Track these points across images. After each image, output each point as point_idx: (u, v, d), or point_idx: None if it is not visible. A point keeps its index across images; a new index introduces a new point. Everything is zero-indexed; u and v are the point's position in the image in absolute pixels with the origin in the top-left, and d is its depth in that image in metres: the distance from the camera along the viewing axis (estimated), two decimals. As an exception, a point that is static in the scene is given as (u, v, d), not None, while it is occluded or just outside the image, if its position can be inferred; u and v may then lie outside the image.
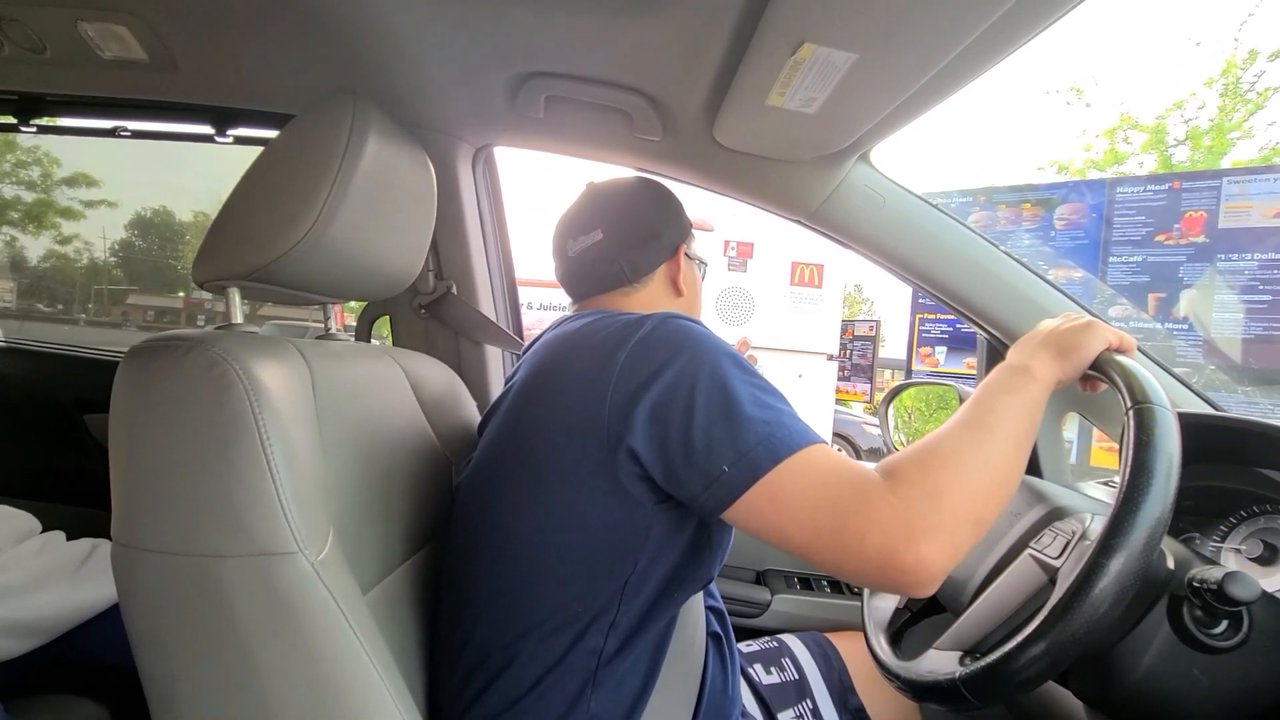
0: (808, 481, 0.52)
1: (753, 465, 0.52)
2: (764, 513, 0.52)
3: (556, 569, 0.61)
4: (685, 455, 0.54)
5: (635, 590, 0.61)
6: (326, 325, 0.81)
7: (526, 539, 0.62)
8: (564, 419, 0.60)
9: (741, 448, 0.53)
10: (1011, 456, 0.56)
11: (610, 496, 0.58)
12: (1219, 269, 2.41)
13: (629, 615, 0.62)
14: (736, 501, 0.53)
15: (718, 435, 0.53)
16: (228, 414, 0.47)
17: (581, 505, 0.59)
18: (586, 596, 0.61)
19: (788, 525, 0.52)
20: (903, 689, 0.64)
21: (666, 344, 0.59)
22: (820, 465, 0.53)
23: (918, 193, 1.02)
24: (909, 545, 0.48)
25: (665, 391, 0.55)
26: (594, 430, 0.58)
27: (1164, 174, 4.98)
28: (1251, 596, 0.52)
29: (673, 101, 0.90)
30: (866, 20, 0.61)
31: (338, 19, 0.79)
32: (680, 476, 0.55)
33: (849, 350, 5.61)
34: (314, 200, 0.56)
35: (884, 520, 0.49)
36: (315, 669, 0.48)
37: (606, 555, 0.60)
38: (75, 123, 1.21)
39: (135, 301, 17.81)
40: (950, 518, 0.49)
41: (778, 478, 0.52)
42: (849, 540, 0.50)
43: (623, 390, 0.57)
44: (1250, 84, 5.72)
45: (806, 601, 1.22)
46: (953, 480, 0.51)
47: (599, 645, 0.61)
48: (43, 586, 0.83)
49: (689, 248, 0.85)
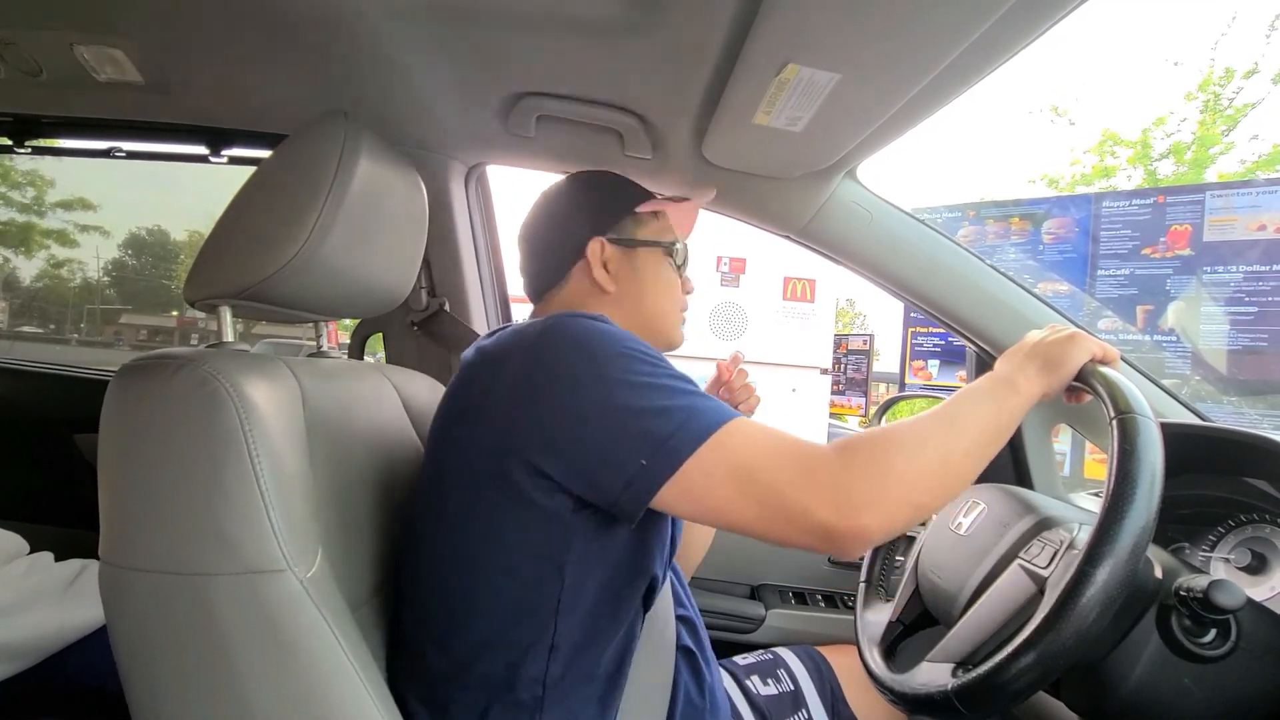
0: (739, 457, 0.51)
1: (672, 453, 0.51)
2: (696, 496, 0.52)
3: (483, 591, 0.58)
4: (597, 459, 0.52)
5: (570, 606, 0.58)
6: (319, 343, 0.82)
7: (451, 561, 0.59)
8: (467, 438, 0.58)
9: (657, 437, 0.51)
10: (967, 458, 0.56)
11: (524, 511, 0.56)
12: (1204, 281, 2.44)
13: (569, 636, 0.58)
14: (660, 492, 0.51)
15: (627, 432, 0.52)
16: (218, 432, 0.47)
17: (496, 523, 0.57)
18: (518, 619, 0.58)
19: (723, 505, 0.52)
20: (895, 702, 0.64)
21: (553, 352, 0.56)
22: (751, 438, 0.52)
23: (905, 208, 1.03)
24: (853, 517, 0.49)
25: (560, 400, 0.53)
26: (494, 449, 0.56)
27: (1149, 189, 5.06)
28: (1237, 604, 0.52)
29: (662, 121, 0.92)
30: (848, 42, 0.63)
31: (332, 41, 0.81)
32: (594, 480, 0.53)
33: (843, 364, 5.62)
34: (305, 219, 0.57)
35: (829, 492, 0.50)
36: (304, 687, 0.48)
37: (530, 573, 0.57)
38: (70, 144, 1.21)
39: (128, 321, 17.76)
40: (893, 498, 0.51)
41: (700, 462, 0.51)
42: (794, 513, 0.50)
43: (517, 405, 0.55)
44: (1229, 100, 5.84)
45: (800, 616, 1.22)
46: (905, 465, 0.52)
47: (540, 672, 0.58)
48: (30, 608, 0.82)
49: (622, 235, 0.77)
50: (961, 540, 0.75)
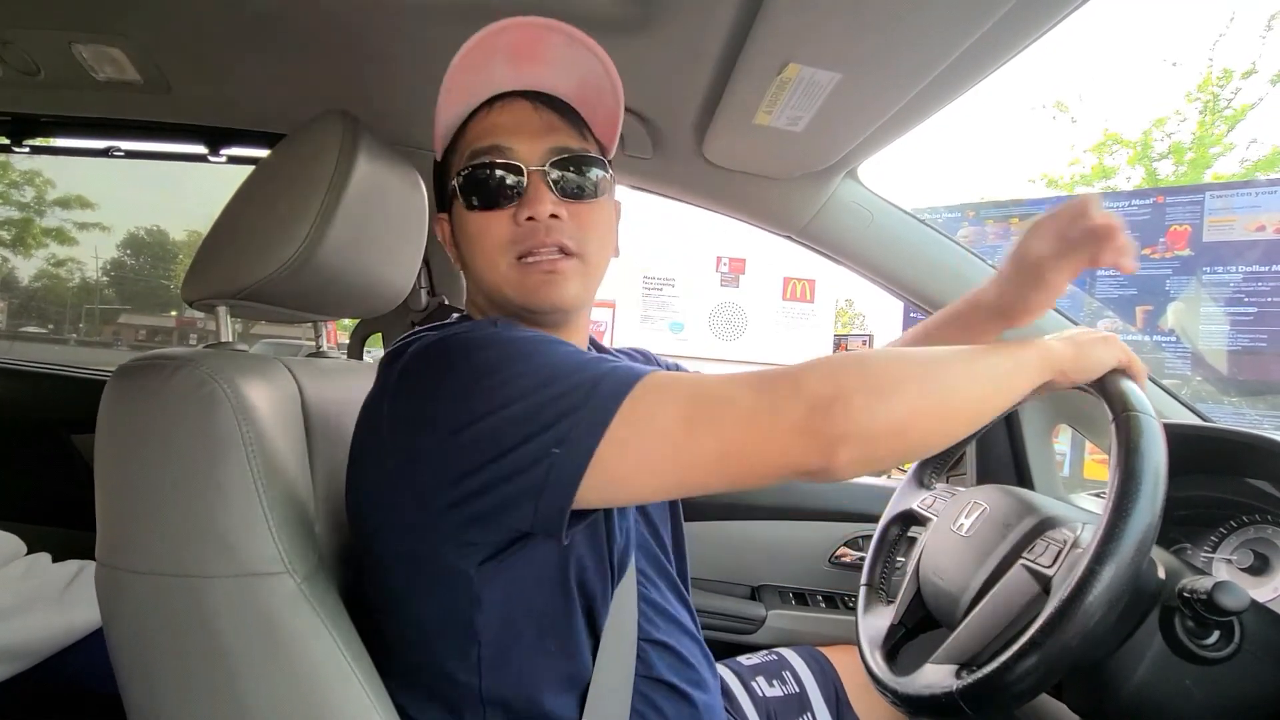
0: (675, 411, 0.44)
1: (592, 425, 0.43)
2: (628, 472, 0.44)
3: (402, 636, 0.54)
4: (500, 473, 0.44)
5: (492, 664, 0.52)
6: (318, 343, 0.81)
7: (379, 609, 0.55)
8: (365, 479, 0.53)
9: (569, 412, 0.43)
10: (970, 401, 0.50)
11: (429, 567, 0.50)
12: (1204, 282, 2.44)
13: (500, 693, 0.53)
14: (584, 481, 0.43)
15: (522, 431, 0.44)
16: (214, 433, 0.47)
17: (398, 580, 0.52)
18: (439, 676, 0.53)
19: (669, 470, 0.45)
20: (898, 704, 0.64)
21: (419, 374, 0.49)
22: (682, 387, 0.45)
23: (905, 208, 1.03)
24: (831, 454, 0.42)
25: (437, 421, 0.46)
26: (397, 493, 0.49)
27: (1148, 189, 5.06)
28: (1240, 606, 0.52)
29: (662, 120, 0.91)
30: (849, 41, 0.62)
31: (330, 40, 0.81)
32: (501, 498, 0.45)
33: (842, 364, 5.61)
34: (304, 219, 0.56)
35: (800, 430, 0.43)
36: (302, 688, 0.47)
37: (436, 634, 0.52)
38: (69, 143, 1.21)
39: (127, 321, 17.76)
40: (881, 424, 0.44)
41: (620, 431, 0.43)
42: (772, 457, 0.44)
43: (396, 437, 0.49)
44: (1228, 101, 5.85)
45: (801, 617, 1.22)
46: (896, 385, 0.45)
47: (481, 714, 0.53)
48: (27, 609, 0.82)
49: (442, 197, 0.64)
50: (963, 541, 0.74)
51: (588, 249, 0.59)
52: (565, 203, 0.57)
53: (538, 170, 0.57)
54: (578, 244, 0.58)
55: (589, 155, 0.60)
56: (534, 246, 0.56)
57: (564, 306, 0.59)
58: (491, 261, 0.58)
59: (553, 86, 0.61)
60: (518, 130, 0.58)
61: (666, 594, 0.69)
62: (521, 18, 0.55)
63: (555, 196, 0.57)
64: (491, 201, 0.57)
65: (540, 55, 0.58)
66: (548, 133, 0.58)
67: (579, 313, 0.64)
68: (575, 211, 0.58)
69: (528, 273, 0.57)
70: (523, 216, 0.56)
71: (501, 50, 0.57)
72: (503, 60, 0.58)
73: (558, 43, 0.57)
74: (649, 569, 0.68)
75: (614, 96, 0.61)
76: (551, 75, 0.60)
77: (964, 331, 0.76)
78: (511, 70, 0.59)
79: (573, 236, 0.57)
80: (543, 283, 0.57)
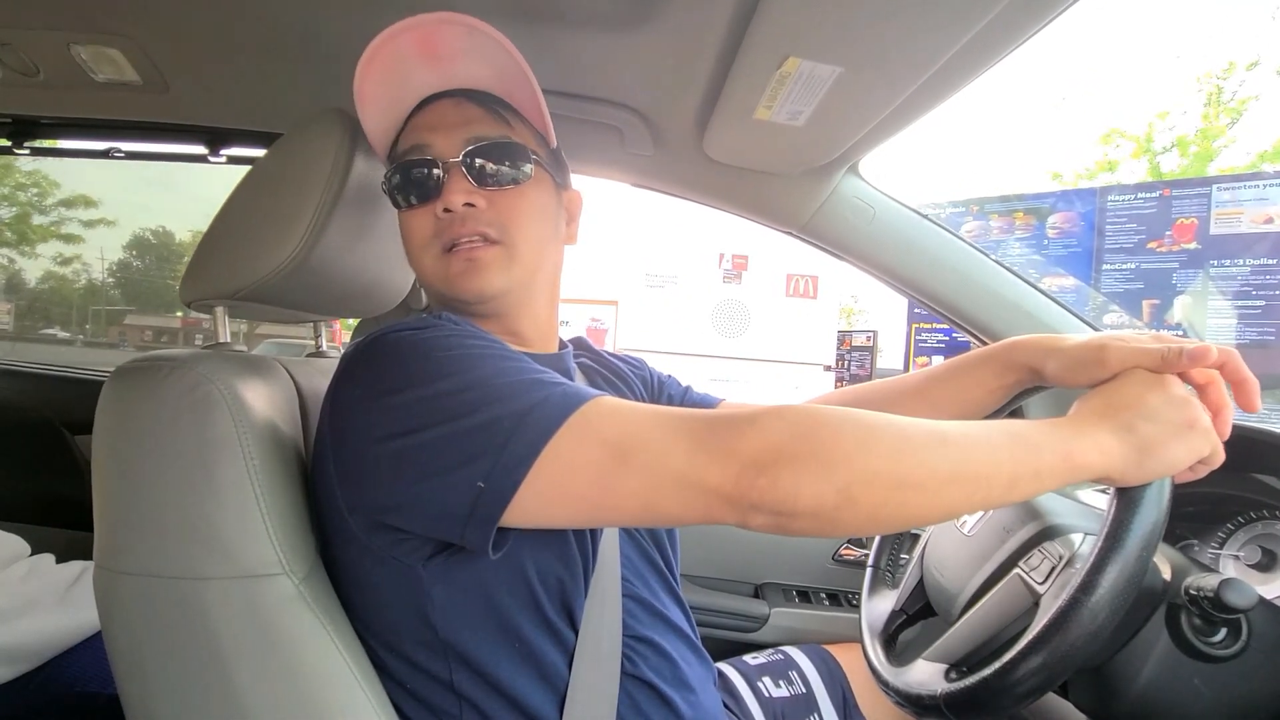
0: (602, 454, 0.43)
1: (519, 459, 0.43)
2: (547, 505, 0.44)
3: (379, 635, 0.54)
4: (424, 494, 0.44)
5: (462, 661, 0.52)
6: (318, 343, 0.81)
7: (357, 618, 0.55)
8: (318, 474, 0.52)
9: (497, 442, 0.43)
10: (952, 493, 0.44)
11: (380, 565, 0.50)
12: (1211, 275, 2.43)
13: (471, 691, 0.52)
14: (514, 502, 0.43)
15: (447, 459, 0.44)
16: (211, 435, 0.47)
17: (362, 577, 0.52)
18: (418, 675, 0.53)
19: (587, 509, 0.44)
20: (888, 693, 0.65)
21: (352, 375, 0.49)
22: (616, 426, 0.44)
23: (908, 203, 1.02)
24: (745, 519, 0.42)
25: (370, 428, 0.46)
26: (337, 502, 0.49)
27: (1154, 182, 5.03)
28: (1248, 603, 0.52)
29: (663, 117, 0.91)
30: (849, 35, 0.62)
31: (328, 39, 0.80)
32: (425, 520, 0.46)
33: (846, 361, 5.63)
34: (301, 218, 0.56)
35: (725, 495, 0.42)
36: (300, 690, 0.47)
37: (406, 633, 0.52)
38: (69, 145, 1.21)
39: (132, 322, 17.85)
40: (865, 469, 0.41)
41: (546, 466, 0.43)
42: (693, 514, 0.43)
43: (336, 445, 0.49)
44: (1232, 93, 5.81)
45: (805, 615, 1.21)
46: (846, 458, 0.42)
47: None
48: (30, 611, 0.82)
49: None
50: (965, 540, 0.74)
51: (512, 236, 0.59)
52: (484, 191, 0.58)
53: (455, 162, 0.57)
54: (499, 231, 0.58)
55: (507, 141, 0.59)
56: (455, 237, 0.57)
57: (488, 294, 0.58)
58: (419, 256, 0.59)
59: (474, 80, 0.61)
60: (436, 127, 0.59)
61: (656, 589, 0.67)
62: (412, 18, 0.55)
63: (472, 185, 0.57)
64: (415, 199, 0.59)
65: (448, 51, 0.58)
66: (465, 125, 0.59)
67: (522, 304, 0.63)
68: (496, 199, 0.58)
69: (449, 263, 0.58)
70: (440, 209, 0.57)
71: (411, 55, 0.58)
72: (417, 64, 0.59)
73: (459, 35, 0.57)
74: (637, 561, 0.65)
75: (528, 80, 0.60)
76: (467, 69, 0.60)
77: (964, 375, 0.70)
78: (430, 72, 0.60)
79: (493, 224, 0.58)
80: (463, 271, 0.57)
